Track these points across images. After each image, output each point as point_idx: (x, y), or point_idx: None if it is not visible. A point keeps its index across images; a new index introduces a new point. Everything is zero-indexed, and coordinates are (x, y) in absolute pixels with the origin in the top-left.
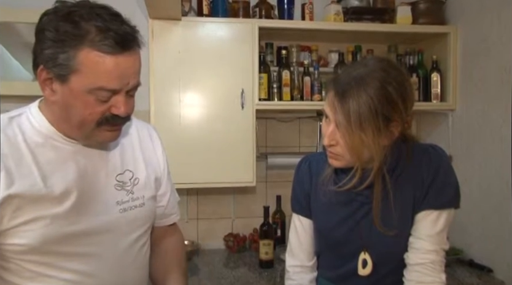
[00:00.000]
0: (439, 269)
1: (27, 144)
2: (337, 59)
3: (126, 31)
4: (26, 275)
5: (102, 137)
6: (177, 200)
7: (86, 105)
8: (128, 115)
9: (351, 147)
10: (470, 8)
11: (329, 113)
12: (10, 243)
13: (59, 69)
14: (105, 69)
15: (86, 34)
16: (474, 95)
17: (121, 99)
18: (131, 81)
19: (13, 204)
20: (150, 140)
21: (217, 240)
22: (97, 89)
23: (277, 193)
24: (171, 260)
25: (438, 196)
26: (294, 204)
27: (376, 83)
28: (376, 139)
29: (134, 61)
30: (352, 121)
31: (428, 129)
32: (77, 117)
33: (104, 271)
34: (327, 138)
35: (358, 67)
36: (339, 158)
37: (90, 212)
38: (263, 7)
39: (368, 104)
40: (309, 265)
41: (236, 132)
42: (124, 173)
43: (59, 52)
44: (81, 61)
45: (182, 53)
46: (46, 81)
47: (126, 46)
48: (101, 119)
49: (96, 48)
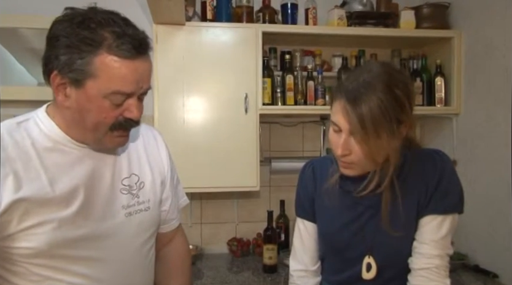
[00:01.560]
0: (444, 274)
1: (35, 148)
2: (340, 63)
3: (141, 36)
4: (34, 279)
5: (112, 143)
6: (183, 205)
7: (101, 109)
8: (138, 120)
9: (368, 152)
10: (474, 12)
11: (340, 123)
12: (18, 247)
13: (75, 74)
14: (122, 73)
15: (103, 40)
16: (478, 99)
17: (134, 102)
18: (144, 85)
19: (21, 208)
20: (155, 144)
21: (220, 244)
22: (113, 93)
23: (280, 197)
24: (175, 267)
25: (442, 201)
26: (298, 208)
27: (384, 86)
28: (390, 141)
29: (149, 65)
30: (367, 127)
31: (432, 134)
32: (91, 121)
33: (110, 275)
34: (340, 148)
35: (362, 73)
36: (353, 166)
37: (96, 216)
38: (266, 11)
39: (379, 108)
40: (313, 269)
41: (239, 137)
42: (130, 177)
43: (76, 58)
44: (98, 66)
45: (186, 58)
46: (59, 87)
47: (142, 51)
48: (115, 123)
49: (113, 53)
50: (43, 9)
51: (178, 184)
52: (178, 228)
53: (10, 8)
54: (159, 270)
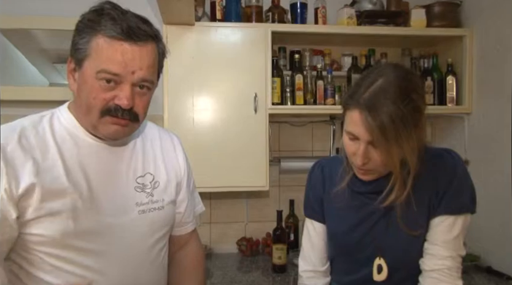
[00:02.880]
0: (456, 276)
1: (55, 139)
2: (350, 63)
3: (138, 25)
4: (46, 268)
5: (106, 130)
6: (199, 212)
7: (92, 89)
8: (134, 112)
9: (388, 159)
10: (486, 10)
11: (359, 133)
12: (33, 233)
13: (78, 54)
14: (109, 52)
15: (101, 22)
16: (490, 98)
17: (126, 89)
18: (137, 72)
19: (37, 194)
20: (172, 147)
21: (229, 244)
22: (100, 71)
23: (290, 197)
24: (188, 271)
25: (454, 202)
26: (307, 208)
27: (400, 92)
28: (410, 146)
29: (142, 53)
30: (388, 135)
31: (444, 133)
32: (84, 102)
33: (119, 271)
34: (360, 158)
35: (375, 78)
36: (372, 172)
37: (109, 211)
38: (275, 11)
39: (398, 116)
40: (322, 269)
41: (249, 137)
42: (145, 176)
43: (79, 39)
44: (93, 45)
45: (196, 58)
46: (72, 72)
47: (133, 36)
48: (105, 108)
49: (105, 34)
50: (54, 10)
51: (194, 191)
52: (193, 233)
53: (22, 9)
54: (172, 274)
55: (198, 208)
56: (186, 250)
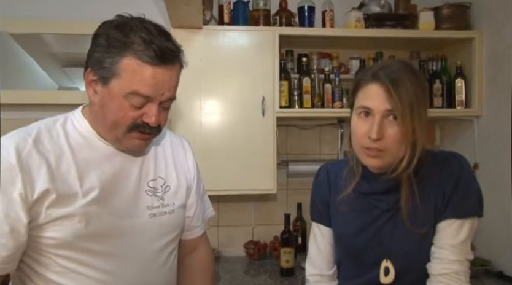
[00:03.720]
0: (464, 280)
1: (69, 144)
2: (358, 65)
3: (168, 47)
4: (57, 270)
5: (130, 144)
6: (209, 217)
7: (120, 108)
8: (158, 126)
9: (404, 133)
10: (496, 12)
11: (374, 105)
12: (46, 236)
13: (103, 72)
14: (142, 76)
15: (131, 44)
16: (500, 101)
17: (154, 108)
18: (165, 93)
19: (51, 198)
20: (183, 152)
21: (237, 247)
22: (131, 93)
23: (298, 200)
24: (198, 276)
25: (460, 205)
26: (314, 212)
27: (413, 75)
28: (421, 124)
29: (171, 75)
30: (406, 106)
31: (453, 137)
32: (111, 118)
33: (129, 273)
34: (375, 131)
35: (384, 62)
36: (382, 154)
37: (121, 214)
38: (283, 14)
39: (415, 90)
40: (329, 273)
41: (256, 140)
42: (156, 180)
43: (106, 57)
44: (123, 66)
45: (203, 61)
46: (91, 83)
47: (165, 60)
48: (132, 125)
49: (138, 57)
50: (64, 15)
51: (204, 195)
52: (203, 237)
53: (31, 13)
54: (182, 278)
55: (208, 212)
56: (195, 255)
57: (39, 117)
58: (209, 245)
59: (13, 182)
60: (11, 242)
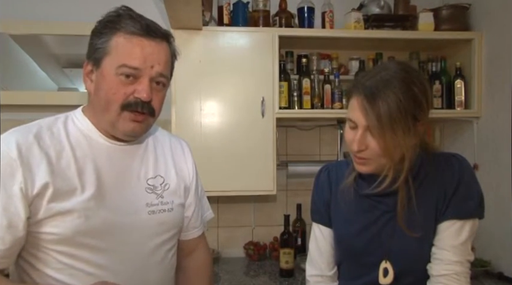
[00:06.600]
0: (464, 281)
1: (69, 140)
2: (358, 66)
3: (155, 24)
4: (56, 266)
5: (125, 127)
6: (208, 218)
7: (111, 85)
8: (152, 107)
9: (384, 148)
10: (495, 13)
11: (356, 119)
12: (45, 232)
13: (96, 54)
14: (130, 47)
15: (121, 22)
16: (499, 102)
17: (144, 82)
18: (155, 67)
19: (50, 193)
20: (182, 153)
21: (237, 248)
22: (121, 66)
23: (297, 201)
24: (195, 278)
25: (461, 206)
26: (314, 213)
27: (402, 84)
28: (406, 138)
29: (160, 49)
30: (384, 122)
31: (452, 138)
32: (104, 97)
33: (128, 270)
34: (356, 144)
35: (379, 71)
36: (369, 162)
37: (120, 210)
38: (283, 15)
39: (397, 105)
40: (329, 274)
41: (256, 141)
42: (155, 178)
43: (99, 40)
44: (113, 44)
45: (203, 62)
46: (89, 74)
47: (151, 33)
48: (125, 102)
49: (126, 32)
50: (64, 16)
51: (203, 197)
52: (201, 239)
53: (31, 15)
54: (179, 279)
55: (207, 214)
56: (193, 257)
57: (39, 117)
58: (207, 248)
59: (13, 176)
60: (8, 236)
